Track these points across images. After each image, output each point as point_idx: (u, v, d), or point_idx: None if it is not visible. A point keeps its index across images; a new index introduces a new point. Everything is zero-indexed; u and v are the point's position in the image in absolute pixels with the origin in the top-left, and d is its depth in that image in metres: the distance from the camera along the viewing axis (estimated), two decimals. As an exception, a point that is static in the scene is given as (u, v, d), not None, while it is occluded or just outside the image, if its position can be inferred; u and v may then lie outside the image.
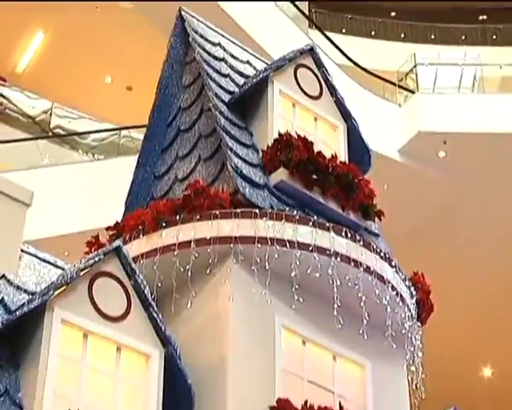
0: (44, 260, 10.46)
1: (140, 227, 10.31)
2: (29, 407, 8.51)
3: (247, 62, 13.04)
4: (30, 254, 10.33)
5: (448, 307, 12.64)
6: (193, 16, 12.54)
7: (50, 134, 29.95)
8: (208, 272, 9.89)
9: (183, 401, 9.36)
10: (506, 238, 22.91)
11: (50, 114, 30.28)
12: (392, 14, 38.81)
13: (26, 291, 9.60)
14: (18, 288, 9.63)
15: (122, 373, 9.14)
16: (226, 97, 11.68)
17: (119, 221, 11.09)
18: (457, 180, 23.62)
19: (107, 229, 11.04)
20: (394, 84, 28.42)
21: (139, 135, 23.04)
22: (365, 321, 10.11)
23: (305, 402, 9.46)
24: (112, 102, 31.87)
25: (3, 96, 30.63)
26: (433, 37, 35.29)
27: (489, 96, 27.40)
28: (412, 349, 10.98)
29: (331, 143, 11.84)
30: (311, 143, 11.03)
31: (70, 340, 8.96)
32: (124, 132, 28.66)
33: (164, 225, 10.15)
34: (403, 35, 36.04)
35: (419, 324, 11.14)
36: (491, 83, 28.85)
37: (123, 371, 9.16)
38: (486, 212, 23.21)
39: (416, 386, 11.21)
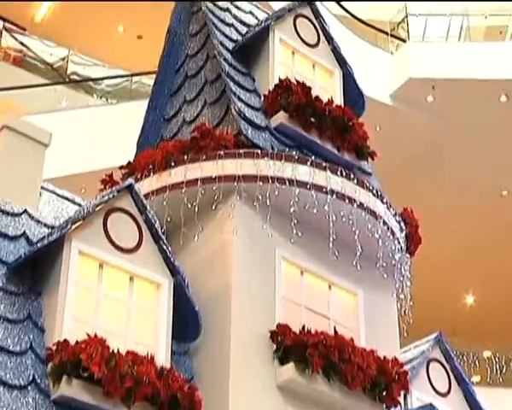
0: (63, 197, 10.48)
1: (150, 166, 10.32)
2: (50, 330, 8.59)
3: (250, 13, 12.95)
4: (49, 191, 10.34)
5: (434, 240, 12.68)
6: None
7: (67, 80, 29.92)
8: (214, 207, 9.91)
9: (190, 325, 9.41)
10: (489, 177, 22.87)
11: (67, 61, 30.24)
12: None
13: (46, 225, 9.64)
14: (39, 222, 9.67)
15: (135, 300, 9.20)
16: (230, 45, 11.63)
17: (131, 161, 11.09)
18: (444, 123, 23.55)
19: (121, 168, 11.05)
20: (387, 33, 28.29)
21: (149, 80, 22.89)
22: (358, 253, 10.15)
23: (303, 327, 9.51)
24: (124, 50, 31.72)
25: (23, 45, 30.55)
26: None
27: (474, 45, 27.28)
28: (401, 279, 11.04)
29: (328, 88, 11.80)
30: (309, 88, 11.00)
31: (87, 270, 9.01)
32: (135, 78, 28.64)
33: (173, 164, 10.16)
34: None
35: (408, 255, 11.19)
36: (476, 32, 28.67)
37: (135, 298, 9.21)
38: (471, 152, 23.17)
39: (404, 312, 11.27)
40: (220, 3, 12.23)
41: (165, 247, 9.40)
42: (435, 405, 8.99)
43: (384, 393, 9.68)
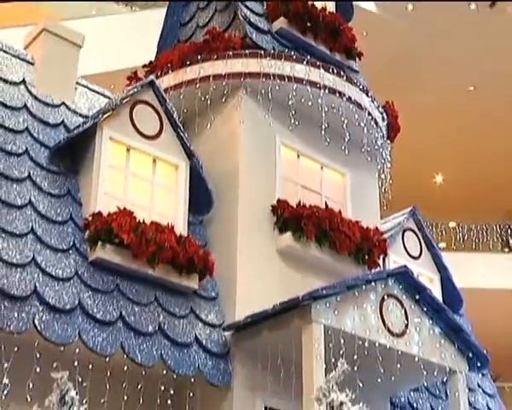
0: (95, 91, 10.37)
1: (169, 65, 10.22)
2: (86, 204, 8.64)
3: None
4: (83, 86, 10.24)
5: (411, 129, 12.63)
6: None
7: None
8: (223, 100, 9.84)
9: (204, 200, 9.45)
10: (458, 75, 22.57)
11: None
12: None
13: (80, 115, 9.58)
14: (75, 112, 9.61)
15: (157, 179, 9.22)
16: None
17: (153, 60, 10.99)
18: (422, 29, 23.15)
19: (143, 66, 10.96)
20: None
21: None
22: (346, 139, 10.12)
23: (299, 202, 9.55)
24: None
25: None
26: None
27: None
28: (382, 162, 11.04)
29: (322, -2, 11.58)
30: (306, -2, 10.85)
31: (116, 153, 9.01)
32: (155, -11, 28.15)
33: (188, 63, 10.05)
34: None
35: (388, 142, 11.15)
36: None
37: (158, 177, 9.24)
38: (443, 54, 22.81)
39: (384, 190, 11.29)
40: None
41: (182, 134, 9.38)
42: (409, 266, 9.06)
43: (367, 256, 9.78)
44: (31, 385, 7.28)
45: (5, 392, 7.23)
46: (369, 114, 10.50)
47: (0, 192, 8.09)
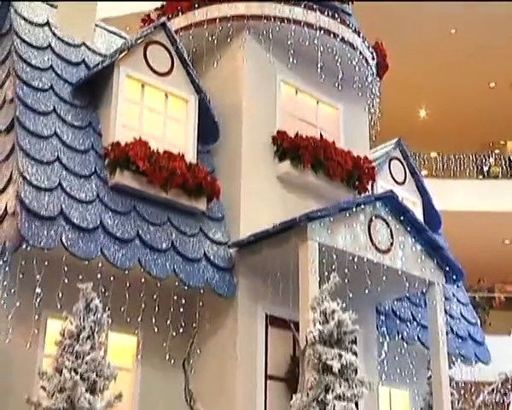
0: (112, 33, 10.25)
1: (179, 8, 10.05)
2: (106, 134, 8.59)
3: None
4: (102, 28, 10.11)
5: (398, 68, 12.48)
6: None
7: None
8: (229, 41, 9.71)
9: (211, 132, 9.41)
10: (441, 19, 22.14)
11: None
12: None
13: (99, 54, 9.48)
14: (94, 52, 9.52)
15: (169, 113, 9.16)
16: None
17: (164, 4, 10.80)
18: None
19: (156, 10, 10.78)
20: None
21: None
22: (340, 77, 10.02)
23: (297, 133, 9.50)
24: None
25: None
26: None
27: None
28: (372, 97, 10.93)
29: None
30: None
31: (132, 89, 8.94)
32: None
33: (196, 6, 9.89)
34: None
35: (378, 79, 11.03)
36: None
37: (169, 111, 9.17)
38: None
39: (373, 123, 11.22)
40: None
41: (191, 71, 9.29)
42: (394, 191, 9.08)
43: (357, 182, 9.79)
44: (60, 294, 7.40)
45: (38, 300, 7.37)
46: (361, 53, 10.37)
47: (29, 124, 8.08)
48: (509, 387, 13.45)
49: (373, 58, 10.76)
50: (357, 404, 7.00)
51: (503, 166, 22.35)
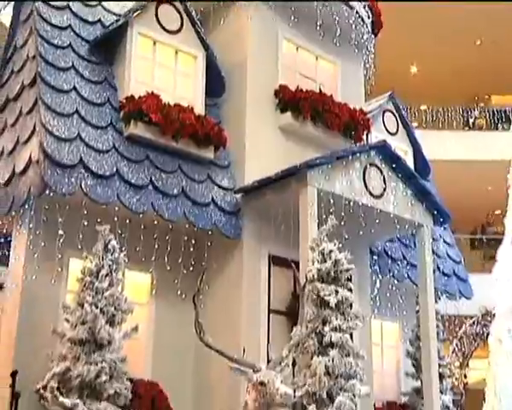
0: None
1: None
2: (120, 89, 8.48)
3: None
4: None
5: (391, 26, 12.25)
6: None
7: None
8: (235, 0, 9.50)
9: (218, 86, 9.28)
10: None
11: None
12: None
13: (114, 14, 9.27)
14: (109, 12, 9.29)
15: (179, 68, 9.02)
16: None
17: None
18: None
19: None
20: None
21: None
22: (338, 34, 9.85)
23: (297, 87, 9.37)
24: None
25: None
26: None
27: None
28: (367, 53, 10.76)
29: None
30: None
31: (144, 46, 8.79)
32: None
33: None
34: None
35: (373, 36, 10.82)
36: None
37: (179, 66, 9.03)
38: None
39: (368, 77, 11.08)
40: None
41: (199, 29, 9.12)
42: (387, 141, 8.99)
43: (353, 133, 9.69)
44: (80, 236, 7.41)
45: (61, 241, 7.40)
46: (357, 12, 10.14)
47: (50, 80, 7.99)
48: (489, 319, 13.56)
49: (368, 17, 10.54)
50: (351, 335, 7.03)
51: (487, 119, 22.18)
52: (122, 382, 6.67)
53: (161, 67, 8.90)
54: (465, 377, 14.71)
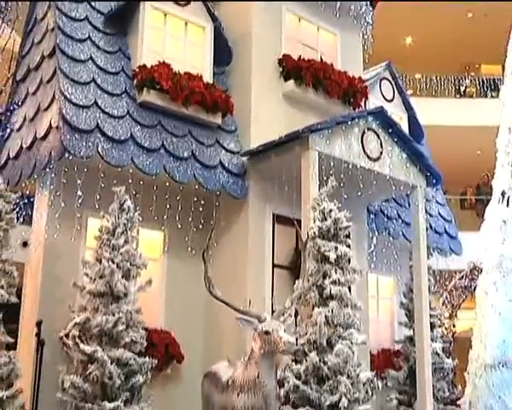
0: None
1: None
2: (134, 59, 8.36)
3: None
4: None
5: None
6: None
7: None
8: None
9: (225, 56, 9.15)
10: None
11: None
12: None
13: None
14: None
15: (188, 39, 8.87)
16: None
17: None
18: None
19: None
20: None
21: None
22: (337, 6, 9.68)
23: (300, 56, 9.22)
24: None
25: None
26: None
27: None
28: (365, 25, 10.53)
29: None
30: None
31: (156, 18, 8.64)
32: None
33: None
34: None
35: (371, 8, 10.58)
36: None
37: (189, 37, 8.88)
38: None
39: (366, 48, 10.88)
40: None
41: (208, 2, 8.96)
42: (384, 107, 8.86)
43: (352, 99, 9.55)
44: (98, 197, 7.38)
45: (79, 202, 7.37)
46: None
47: (68, 50, 7.90)
48: (476, 274, 13.55)
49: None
50: (349, 288, 7.01)
51: (478, 87, 21.98)
52: (137, 331, 6.68)
53: (172, 37, 8.76)
54: (454, 326, 14.75)
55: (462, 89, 22.18)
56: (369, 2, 10.49)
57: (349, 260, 7.00)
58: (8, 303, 6.42)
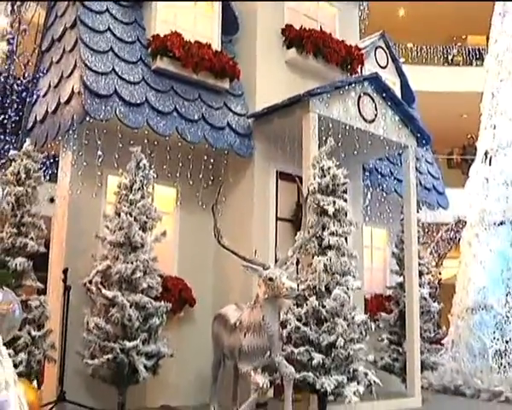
0: None
1: None
2: (148, 29, 8.13)
3: None
4: None
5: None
6: None
7: None
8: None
9: (232, 25, 8.87)
10: None
11: None
12: None
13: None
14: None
15: (198, 9, 8.58)
16: None
17: None
18: None
19: None
20: None
21: None
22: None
23: (301, 26, 8.95)
24: None
25: None
26: None
27: None
28: None
29: None
30: None
31: (168, -10, 8.38)
32: None
33: None
34: None
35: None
36: None
37: (198, 8, 8.58)
38: None
39: (363, 18, 10.57)
40: None
41: (216, -25, 8.66)
42: (379, 73, 8.62)
43: (349, 66, 9.32)
44: (116, 156, 7.28)
45: (100, 161, 7.26)
46: (354, -41, 9.60)
47: (88, 21, 7.69)
48: (461, 227, 13.46)
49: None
50: (346, 239, 6.93)
51: (464, 56, 21.67)
52: (153, 277, 6.65)
53: (183, 9, 8.48)
54: (440, 273, 14.75)
55: (450, 57, 21.86)
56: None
57: (346, 214, 6.90)
58: (37, 253, 6.41)
